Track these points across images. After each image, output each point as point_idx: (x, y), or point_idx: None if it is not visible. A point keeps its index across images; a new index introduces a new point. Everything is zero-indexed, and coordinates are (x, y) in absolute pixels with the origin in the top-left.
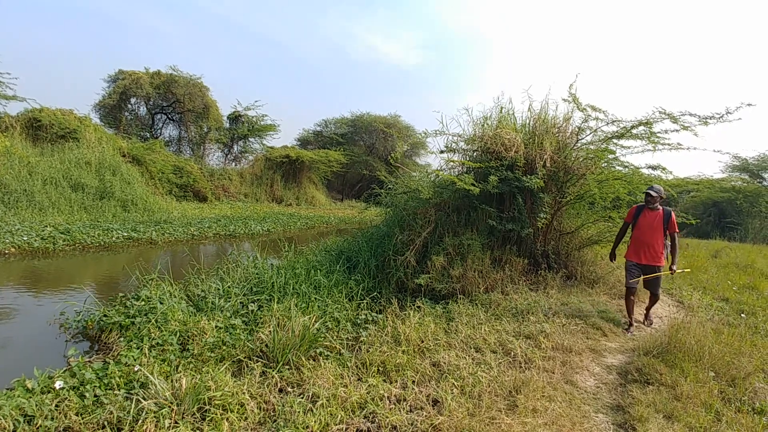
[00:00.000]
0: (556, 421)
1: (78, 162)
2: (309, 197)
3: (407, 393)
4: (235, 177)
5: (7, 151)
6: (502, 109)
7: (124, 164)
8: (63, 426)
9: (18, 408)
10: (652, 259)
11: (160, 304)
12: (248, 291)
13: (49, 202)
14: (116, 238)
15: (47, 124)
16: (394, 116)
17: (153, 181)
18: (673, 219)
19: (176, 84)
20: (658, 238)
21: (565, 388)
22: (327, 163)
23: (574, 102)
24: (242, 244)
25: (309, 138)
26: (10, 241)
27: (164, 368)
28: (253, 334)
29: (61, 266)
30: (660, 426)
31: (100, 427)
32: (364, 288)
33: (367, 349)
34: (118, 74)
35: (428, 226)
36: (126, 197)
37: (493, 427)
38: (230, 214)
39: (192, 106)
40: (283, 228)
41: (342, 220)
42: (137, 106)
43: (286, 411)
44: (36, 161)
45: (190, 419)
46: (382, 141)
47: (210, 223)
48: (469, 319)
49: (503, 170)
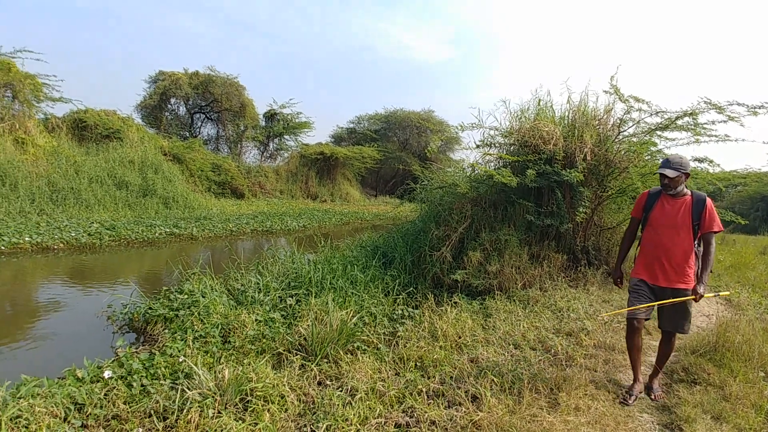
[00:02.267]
0: (600, 420)
1: (122, 161)
2: (343, 193)
3: (445, 388)
4: (271, 174)
5: (55, 151)
6: (540, 101)
7: (166, 163)
8: (111, 414)
9: (69, 396)
10: (673, 278)
11: (202, 298)
12: (286, 286)
13: (95, 200)
14: (159, 233)
15: (92, 125)
16: (427, 111)
17: (193, 178)
18: (710, 210)
19: (214, 84)
20: (683, 242)
21: (609, 387)
22: (361, 160)
23: (615, 93)
24: (279, 239)
25: (342, 135)
26: (59, 236)
27: (207, 359)
28: (291, 328)
29: (107, 261)
30: (708, 427)
31: (147, 415)
32: (400, 283)
33: (404, 344)
34: (158, 75)
35: (464, 222)
36: (167, 194)
37: (535, 424)
38: (267, 211)
39: (229, 105)
40: (319, 224)
41: (376, 216)
42: (177, 106)
43: (326, 403)
44: (82, 160)
45: (233, 409)
46: (416, 136)
47: (247, 219)
48: (507, 315)
49: (541, 164)
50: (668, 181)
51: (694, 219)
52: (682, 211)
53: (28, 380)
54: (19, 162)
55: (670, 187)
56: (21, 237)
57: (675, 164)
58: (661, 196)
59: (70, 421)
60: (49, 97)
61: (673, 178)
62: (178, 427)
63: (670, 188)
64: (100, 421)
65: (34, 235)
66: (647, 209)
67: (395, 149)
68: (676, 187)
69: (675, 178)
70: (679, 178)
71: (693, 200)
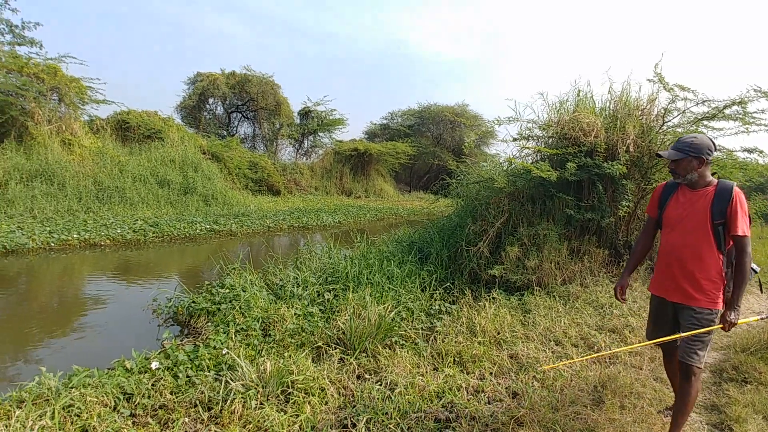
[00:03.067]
0: (646, 419)
1: (163, 160)
2: (377, 189)
3: (485, 384)
4: (306, 171)
5: (100, 151)
6: (579, 92)
7: (205, 161)
8: (159, 404)
9: (118, 386)
10: (688, 292)
11: (243, 292)
12: (323, 281)
13: (139, 198)
14: (199, 230)
15: (135, 126)
16: (461, 105)
17: (231, 176)
18: (736, 204)
19: (250, 83)
20: (699, 245)
21: (655, 386)
22: (395, 155)
23: (660, 82)
24: (315, 235)
25: (376, 131)
26: (105, 233)
27: (249, 352)
28: (329, 322)
29: (151, 256)
30: (760, 427)
31: (193, 405)
32: (437, 278)
33: (442, 339)
34: (196, 76)
35: (501, 216)
36: (207, 192)
37: (579, 422)
38: (302, 207)
39: (265, 103)
40: (354, 220)
41: (411, 211)
42: (215, 106)
43: (365, 397)
44: (126, 160)
45: (275, 401)
46: (450, 131)
47: (284, 215)
48: (547, 311)
49: (582, 156)
50: (674, 166)
51: (714, 216)
52: (698, 206)
53: (79, 371)
54: (67, 162)
55: (678, 175)
56: (69, 234)
57: (681, 145)
58: (677, 188)
59: (119, 411)
60: (93, 100)
61: (678, 162)
62: (222, 417)
63: (678, 176)
64: (147, 410)
65: (82, 232)
66: (662, 205)
67: (429, 144)
68: (685, 174)
69: (681, 163)
70: (688, 163)
71: (717, 191)
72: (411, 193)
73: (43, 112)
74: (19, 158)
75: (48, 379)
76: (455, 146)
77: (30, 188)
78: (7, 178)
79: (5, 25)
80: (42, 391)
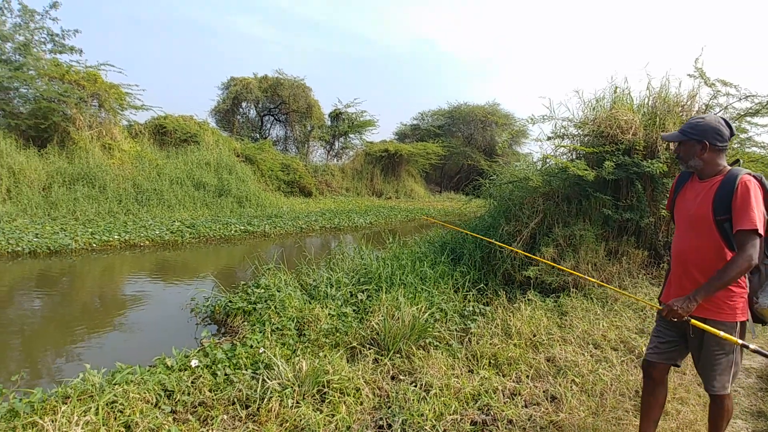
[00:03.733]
0: (691, 426)
1: (199, 163)
2: (408, 190)
3: (522, 387)
4: (337, 172)
5: (139, 155)
6: (616, 89)
7: (239, 164)
8: (198, 401)
9: (160, 383)
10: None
11: (278, 292)
12: (356, 281)
13: (176, 200)
14: (234, 231)
15: (171, 130)
16: (492, 105)
17: (263, 178)
18: (741, 194)
19: (282, 86)
20: (703, 245)
21: (698, 391)
22: (425, 156)
23: (701, 77)
24: (346, 236)
25: (406, 131)
26: (145, 234)
27: (284, 351)
28: (363, 322)
29: (188, 257)
30: None
31: (231, 403)
32: (470, 279)
33: (476, 341)
34: (230, 81)
35: (536, 217)
36: (241, 194)
37: (620, 428)
38: (334, 208)
39: (296, 106)
40: (385, 220)
41: (442, 212)
42: (248, 110)
43: (400, 398)
44: (163, 163)
45: (311, 400)
46: (481, 131)
47: (316, 216)
48: (584, 313)
49: (619, 155)
50: (679, 150)
51: (716, 210)
52: (701, 200)
53: (122, 368)
54: (107, 166)
55: (682, 161)
56: (110, 235)
57: (686, 126)
58: (689, 179)
59: (160, 407)
60: (132, 105)
61: (681, 146)
62: (259, 415)
63: (682, 161)
64: (187, 407)
65: (122, 233)
66: (674, 199)
67: (459, 144)
68: (688, 160)
69: (685, 148)
70: (690, 147)
71: (723, 182)
72: (442, 193)
73: (84, 117)
74: (62, 162)
75: (92, 375)
76: (486, 146)
77: (72, 191)
78: (50, 181)
79: (47, 33)
80: (86, 387)
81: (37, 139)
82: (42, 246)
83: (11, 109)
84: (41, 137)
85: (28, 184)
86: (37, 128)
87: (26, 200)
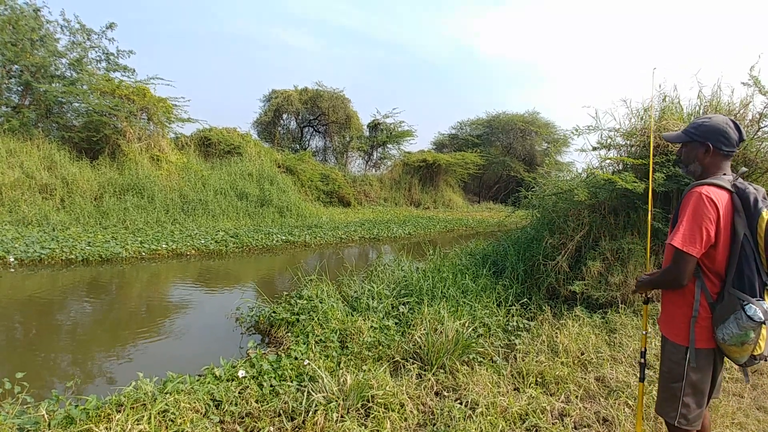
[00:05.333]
0: None
1: (242, 174)
2: (446, 200)
3: (571, 408)
4: (375, 182)
5: (185, 166)
6: (665, 97)
7: (280, 174)
8: (245, 412)
9: (209, 393)
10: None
11: (320, 304)
12: (397, 293)
13: (220, 210)
14: (276, 241)
15: (216, 142)
16: (532, 113)
17: (303, 188)
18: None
19: (321, 98)
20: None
21: (758, 416)
22: (463, 166)
23: (755, 85)
24: (385, 246)
25: (444, 141)
26: (191, 244)
27: (328, 364)
28: (405, 336)
29: (232, 266)
30: None
31: (276, 415)
32: (513, 293)
33: (522, 357)
34: (271, 94)
35: (581, 229)
36: (282, 204)
37: None
38: (372, 218)
39: (335, 117)
40: (423, 231)
41: (481, 223)
42: (288, 121)
43: (446, 415)
44: (208, 174)
45: (355, 415)
46: (520, 140)
47: (355, 227)
48: (635, 331)
49: (670, 166)
50: (680, 153)
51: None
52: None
53: (173, 377)
54: (155, 177)
55: (683, 164)
56: (159, 244)
57: (689, 126)
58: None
59: (209, 417)
60: (179, 118)
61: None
62: (305, 428)
63: (683, 166)
64: (235, 417)
65: (170, 242)
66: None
67: (498, 154)
68: (688, 164)
69: (687, 150)
70: (692, 150)
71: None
72: (480, 203)
73: (134, 130)
74: (113, 173)
75: (144, 384)
76: (526, 155)
77: (122, 201)
78: (101, 191)
79: (102, 52)
80: (139, 395)
81: (90, 151)
82: (94, 254)
83: (65, 122)
84: (93, 149)
85: (80, 194)
86: (90, 140)
87: (79, 210)
